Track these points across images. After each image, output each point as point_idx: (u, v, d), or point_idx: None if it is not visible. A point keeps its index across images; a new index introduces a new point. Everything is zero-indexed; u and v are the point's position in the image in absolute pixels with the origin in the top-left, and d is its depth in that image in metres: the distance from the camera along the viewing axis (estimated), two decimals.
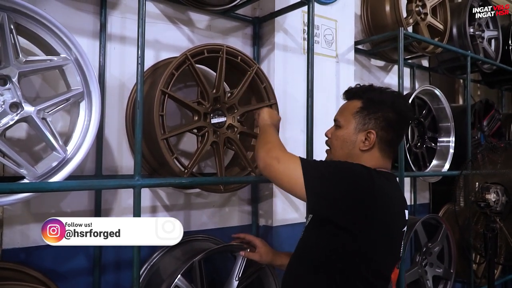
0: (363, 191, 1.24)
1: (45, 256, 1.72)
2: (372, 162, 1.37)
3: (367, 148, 1.37)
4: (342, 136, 1.41)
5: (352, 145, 1.39)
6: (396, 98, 1.41)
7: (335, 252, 1.26)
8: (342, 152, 1.41)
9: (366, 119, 1.38)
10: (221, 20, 2.28)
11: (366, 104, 1.39)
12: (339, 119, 1.45)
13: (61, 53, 1.48)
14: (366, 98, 1.40)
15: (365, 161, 1.35)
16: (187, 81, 2.13)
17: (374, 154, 1.38)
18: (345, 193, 1.23)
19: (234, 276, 1.85)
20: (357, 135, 1.38)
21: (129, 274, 1.88)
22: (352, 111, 1.41)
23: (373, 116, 1.37)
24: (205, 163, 2.23)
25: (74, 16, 1.81)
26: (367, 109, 1.38)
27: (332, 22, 2.60)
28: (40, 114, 1.42)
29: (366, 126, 1.37)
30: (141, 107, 1.47)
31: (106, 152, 1.89)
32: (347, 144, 1.40)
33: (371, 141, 1.36)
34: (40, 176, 1.41)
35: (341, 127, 1.43)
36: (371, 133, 1.36)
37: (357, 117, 1.39)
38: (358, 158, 1.37)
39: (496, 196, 2.33)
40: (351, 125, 1.40)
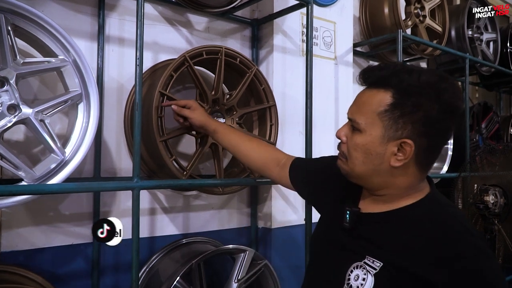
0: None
1: (43, 259, 1.71)
2: (408, 179, 1.00)
3: (401, 164, 0.96)
4: (364, 145, 0.98)
5: (379, 159, 0.97)
6: (442, 83, 0.94)
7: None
8: (364, 167, 1.00)
9: (399, 123, 0.94)
10: (219, 22, 2.28)
11: (399, 98, 0.94)
12: (357, 119, 1.00)
13: (59, 55, 1.47)
14: (398, 88, 0.94)
15: (399, 180, 0.99)
16: (185, 83, 2.12)
17: (409, 170, 0.98)
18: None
19: (233, 278, 1.85)
20: (386, 145, 0.96)
21: (128, 276, 1.88)
22: (377, 109, 0.96)
23: (410, 118, 0.93)
24: (204, 165, 2.23)
25: (72, 18, 1.81)
26: (400, 106, 0.94)
27: (331, 24, 2.60)
28: (38, 116, 1.41)
29: (399, 133, 0.94)
30: (139, 108, 1.46)
31: (104, 154, 1.88)
32: (371, 158, 0.98)
33: (407, 154, 0.95)
34: (38, 178, 1.40)
35: (361, 131, 0.99)
36: (407, 143, 0.94)
37: (385, 119, 0.95)
38: (387, 176, 1.00)
39: (494, 198, 2.33)
40: (377, 130, 0.96)
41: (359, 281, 0.96)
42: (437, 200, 1.02)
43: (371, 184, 1.04)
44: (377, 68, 1.01)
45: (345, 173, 1.07)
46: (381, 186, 1.02)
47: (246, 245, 2.13)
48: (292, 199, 2.34)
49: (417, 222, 0.96)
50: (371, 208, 1.06)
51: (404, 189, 1.01)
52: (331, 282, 1.05)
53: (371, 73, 1.01)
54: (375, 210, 1.05)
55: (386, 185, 1.01)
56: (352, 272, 0.99)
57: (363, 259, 0.97)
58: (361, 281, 0.96)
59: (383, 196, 1.04)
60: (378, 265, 0.94)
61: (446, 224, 0.94)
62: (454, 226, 0.93)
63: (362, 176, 1.03)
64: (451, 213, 0.98)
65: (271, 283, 1.98)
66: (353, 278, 0.98)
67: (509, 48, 3.93)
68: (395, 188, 1.01)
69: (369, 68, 1.03)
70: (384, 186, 1.02)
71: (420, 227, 0.95)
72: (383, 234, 1.00)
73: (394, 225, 0.99)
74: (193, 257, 1.77)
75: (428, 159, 1.00)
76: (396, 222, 0.99)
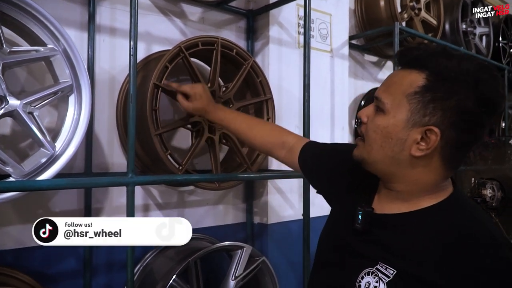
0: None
1: (33, 259, 1.64)
2: (430, 176, 0.89)
3: (422, 154, 0.86)
4: (386, 128, 0.89)
5: (399, 146, 0.87)
6: (483, 73, 0.84)
7: None
8: (382, 153, 0.90)
9: (428, 108, 0.84)
10: (214, 12, 2.21)
11: (433, 81, 0.84)
12: (383, 99, 0.90)
13: (48, 44, 1.40)
14: (434, 71, 0.85)
15: (418, 175, 0.89)
16: (179, 75, 2.05)
17: (432, 165, 0.87)
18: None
19: (230, 275, 1.80)
20: (410, 131, 0.86)
21: (121, 275, 1.82)
22: (406, 90, 0.86)
23: (441, 104, 0.83)
24: (197, 160, 2.17)
25: (60, 6, 1.72)
26: (433, 90, 0.84)
27: (327, 16, 2.56)
28: (26, 108, 1.34)
29: (426, 119, 0.84)
30: (134, 100, 1.40)
31: (96, 148, 1.81)
32: (390, 143, 0.88)
33: (431, 144, 0.84)
34: (27, 174, 1.33)
35: (385, 112, 0.89)
36: (433, 131, 0.84)
37: (413, 101, 0.85)
38: (406, 168, 0.89)
39: (492, 192, 2.32)
40: (402, 112, 0.86)
41: None
42: (462, 202, 0.91)
43: (387, 174, 0.93)
44: (415, 48, 0.91)
45: (360, 158, 0.96)
46: (398, 179, 0.92)
47: (241, 241, 2.08)
48: (289, 194, 2.29)
49: (438, 228, 0.86)
50: (387, 208, 0.95)
51: (424, 186, 0.90)
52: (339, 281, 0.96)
53: (408, 53, 0.91)
54: (391, 211, 0.94)
55: (404, 177, 0.91)
56: (363, 278, 0.90)
57: (376, 265, 0.88)
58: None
59: (400, 193, 0.93)
60: (392, 272, 0.85)
61: (471, 232, 0.83)
62: (480, 235, 0.83)
63: (377, 163, 0.92)
64: (477, 219, 0.87)
65: (268, 279, 1.94)
66: (363, 285, 0.89)
67: (501, 42, 3.94)
68: (414, 183, 0.90)
69: (407, 47, 0.94)
70: (401, 179, 0.91)
71: (440, 234, 0.84)
72: (399, 238, 0.89)
73: (411, 229, 0.89)
74: (189, 254, 1.72)
75: (455, 156, 0.89)
76: (414, 226, 0.89)
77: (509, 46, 4.13)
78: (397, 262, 0.86)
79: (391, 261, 0.87)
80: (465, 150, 0.89)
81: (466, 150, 0.89)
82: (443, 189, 0.91)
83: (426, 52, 0.88)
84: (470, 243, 0.81)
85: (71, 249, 1.73)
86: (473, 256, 0.79)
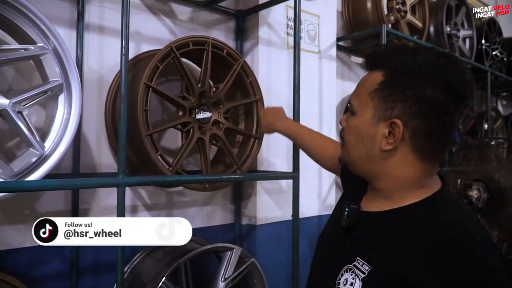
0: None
1: (19, 260, 1.60)
2: (405, 170, 0.89)
3: (392, 147, 0.87)
4: (356, 127, 0.93)
5: (370, 142, 0.90)
6: (441, 60, 0.86)
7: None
8: (357, 153, 0.94)
9: (388, 101, 0.87)
10: (203, 12, 2.20)
11: (390, 76, 0.88)
12: (352, 101, 0.96)
13: (38, 42, 1.37)
14: (391, 67, 0.89)
15: (394, 169, 0.90)
16: (168, 75, 2.04)
17: (405, 157, 0.88)
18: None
19: (220, 277, 1.79)
20: (376, 126, 0.89)
21: (108, 277, 1.80)
22: (369, 89, 0.90)
23: (400, 96, 0.86)
24: (187, 160, 2.15)
25: (49, 4, 1.69)
26: (391, 84, 0.87)
27: (315, 17, 2.57)
28: (15, 108, 1.31)
29: (388, 112, 0.87)
30: (125, 100, 1.38)
31: (84, 149, 1.78)
32: (363, 141, 0.91)
33: (397, 135, 0.86)
34: (16, 174, 1.30)
35: (355, 113, 0.94)
36: (396, 124, 0.86)
37: (375, 98, 0.89)
38: (380, 163, 0.91)
39: (478, 193, 2.36)
40: (368, 110, 0.90)
41: (347, 286, 0.87)
42: (444, 199, 0.89)
43: (367, 172, 0.95)
44: (378, 50, 0.96)
45: (343, 161, 1.01)
46: (378, 176, 0.93)
47: (230, 242, 2.08)
48: (277, 195, 2.30)
49: (415, 226, 0.85)
50: (371, 206, 0.96)
51: (406, 182, 0.90)
52: (324, 285, 0.97)
53: (372, 56, 0.95)
54: (374, 209, 0.94)
55: (383, 174, 0.92)
56: (342, 275, 0.90)
57: (354, 262, 0.89)
58: (349, 286, 0.87)
59: (384, 191, 0.93)
60: (367, 268, 0.85)
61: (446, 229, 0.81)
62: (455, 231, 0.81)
63: (356, 162, 0.95)
64: (456, 215, 0.84)
65: (258, 281, 1.94)
66: (342, 283, 0.89)
67: (484, 45, 4.01)
68: (395, 179, 0.91)
69: (372, 51, 0.98)
70: (381, 176, 0.92)
71: (416, 232, 0.83)
72: (377, 235, 0.90)
73: (388, 226, 0.89)
74: (178, 256, 1.70)
75: (427, 147, 0.87)
76: (392, 223, 0.89)
77: (492, 49, 4.22)
78: (373, 258, 0.86)
79: (367, 257, 0.87)
80: (437, 139, 0.88)
81: (439, 139, 0.88)
82: (428, 186, 0.90)
83: (388, 51, 0.92)
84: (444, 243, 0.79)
85: (58, 250, 1.70)
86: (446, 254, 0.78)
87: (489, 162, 2.91)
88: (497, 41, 4.29)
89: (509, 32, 4.69)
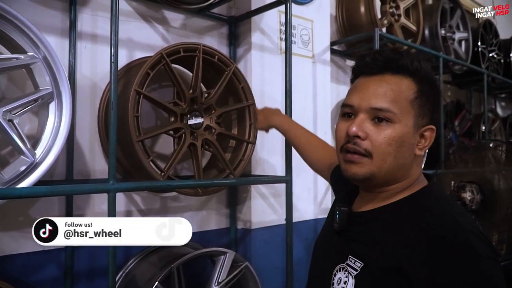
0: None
1: (13, 266, 1.62)
2: (418, 172, 0.96)
3: (423, 153, 0.94)
4: (401, 138, 0.88)
5: (410, 150, 0.91)
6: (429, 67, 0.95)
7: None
8: (395, 163, 0.90)
9: (424, 109, 0.91)
10: (196, 19, 2.22)
11: (421, 85, 0.91)
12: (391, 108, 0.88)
13: (28, 51, 1.39)
14: (419, 76, 0.92)
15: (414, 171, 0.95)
16: (161, 81, 2.06)
17: (421, 158, 0.96)
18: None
19: (213, 281, 1.80)
20: (416, 134, 0.91)
21: (103, 282, 1.81)
22: (408, 97, 0.89)
23: (432, 104, 0.92)
24: (181, 166, 2.17)
25: (41, 13, 1.72)
26: (424, 93, 0.91)
27: (308, 22, 2.59)
28: (6, 116, 1.33)
29: (425, 120, 0.91)
30: (115, 107, 1.40)
31: (77, 155, 1.80)
32: (402, 150, 0.89)
33: (429, 140, 0.93)
34: (7, 181, 1.32)
35: (393, 121, 0.88)
36: (432, 130, 0.92)
37: (416, 106, 0.90)
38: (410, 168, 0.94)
39: (471, 195, 2.36)
40: (410, 119, 0.89)
41: (341, 285, 0.90)
42: (431, 193, 0.93)
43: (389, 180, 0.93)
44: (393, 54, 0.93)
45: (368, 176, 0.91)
46: (398, 180, 0.93)
47: (225, 246, 2.09)
48: (272, 199, 2.31)
49: (406, 218, 0.88)
50: (365, 207, 0.98)
51: (415, 182, 0.94)
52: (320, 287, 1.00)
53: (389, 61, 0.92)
54: (368, 209, 0.97)
55: (404, 178, 0.93)
56: (335, 275, 0.92)
57: (346, 261, 0.91)
58: (343, 284, 0.89)
59: (386, 192, 0.95)
60: (359, 265, 0.88)
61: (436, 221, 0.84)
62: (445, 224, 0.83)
63: (387, 175, 0.91)
64: (444, 208, 0.87)
65: (252, 285, 1.95)
66: (336, 282, 0.91)
67: (480, 47, 4.01)
68: (410, 181, 0.94)
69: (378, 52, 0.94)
70: (400, 179, 0.93)
71: (408, 223, 0.86)
72: (370, 232, 0.92)
73: (382, 221, 0.92)
74: (172, 260, 1.72)
75: None
76: (383, 218, 0.92)
77: (488, 51, 4.22)
78: (365, 255, 0.89)
79: (359, 254, 0.90)
80: None
81: None
82: (418, 182, 0.95)
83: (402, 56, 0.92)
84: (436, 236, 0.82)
85: (52, 256, 1.72)
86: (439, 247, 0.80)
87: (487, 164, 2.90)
88: (494, 43, 4.29)
89: (506, 33, 4.70)
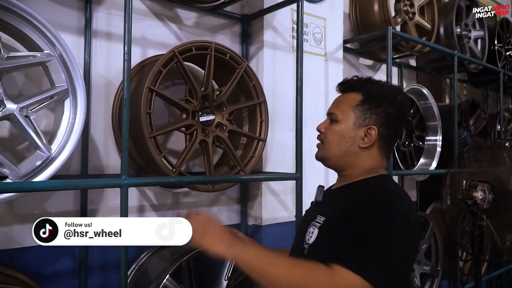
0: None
1: (29, 258, 1.67)
2: (371, 161, 1.29)
3: (366, 146, 1.26)
4: (340, 131, 1.28)
5: (350, 141, 1.27)
6: (397, 93, 1.31)
7: None
8: (338, 149, 1.29)
9: (367, 114, 1.27)
10: (209, 17, 2.25)
11: (367, 97, 1.28)
12: (335, 112, 1.31)
13: (45, 49, 1.43)
14: (366, 91, 1.29)
15: (364, 160, 1.28)
16: (174, 79, 2.09)
17: (372, 153, 1.28)
18: None
19: (223, 276, 1.83)
20: (357, 130, 1.27)
21: (116, 275, 1.84)
22: (351, 104, 1.29)
23: (375, 111, 1.26)
24: (193, 162, 2.20)
25: (58, 12, 1.77)
26: (368, 102, 1.27)
27: (321, 20, 2.59)
28: (23, 112, 1.38)
29: (367, 121, 1.26)
30: (127, 104, 1.44)
31: (92, 151, 1.85)
32: (345, 141, 1.28)
33: (372, 138, 1.26)
34: (24, 175, 1.37)
35: (338, 121, 1.30)
36: (372, 129, 1.26)
37: (357, 111, 1.27)
38: (356, 156, 1.28)
39: (483, 194, 2.35)
40: (350, 119, 1.28)
41: (310, 235, 1.22)
42: (382, 179, 1.27)
43: (341, 164, 1.31)
44: (351, 79, 1.35)
45: (322, 157, 1.35)
46: (349, 165, 1.30)
47: None
48: (283, 196, 2.33)
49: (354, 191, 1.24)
50: (335, 186, 1.37)
51: (366, 169, 1.28)
52: (298, 244, 1.28)
53: (347, 83, 1.35)
54: (335, 187, 1.36)
55: (353, 164, 1.29)
56: (307, 231, 1.24)
57: (315, 219, 1.24)
58: (311, 234, 1.22)
59: (348, 176, 1.30)
60: (322, 219, 1.21)
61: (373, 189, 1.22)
62: (377, 188, 1.23)
63: (334, 157, 1.31)
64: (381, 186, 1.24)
65: None
66: (307, 235, 1.23)
67: (496, 45, 3.96)
68: (361, 168, 1.28)
69: (345, 80, 1.37)
70: (351, 166, 1.30)
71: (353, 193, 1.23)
72: (332, 200, 1.30)
73: (341, 193, 1.29)
74: (183, 255, 1.75)
75: (387, 147, 1.30)
76: (343, 191, 1.29)
77: (505, 49, 4.16)
78: (326, 213, 1.23)
79: (323, 213, 1.24)
80: (391, 142, 1.32)
81: (393, 142, 1.35)
82: (377, 172, 1.29)
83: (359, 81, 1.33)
84: (366, 193, 1.21)
85: (67, 249, 1.76)
86: (362, 197, 1.19)
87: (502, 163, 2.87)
88: (511, 41, 4.23)
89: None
